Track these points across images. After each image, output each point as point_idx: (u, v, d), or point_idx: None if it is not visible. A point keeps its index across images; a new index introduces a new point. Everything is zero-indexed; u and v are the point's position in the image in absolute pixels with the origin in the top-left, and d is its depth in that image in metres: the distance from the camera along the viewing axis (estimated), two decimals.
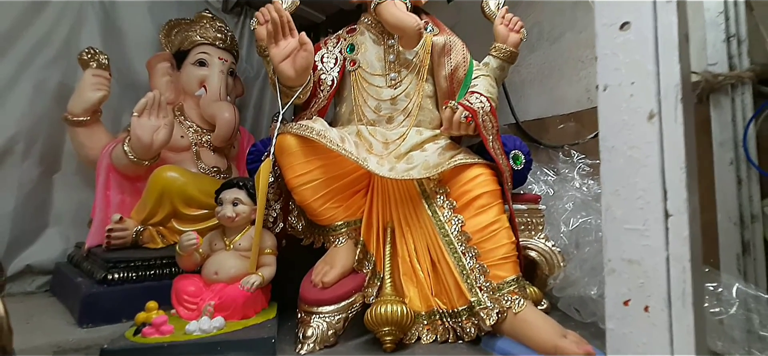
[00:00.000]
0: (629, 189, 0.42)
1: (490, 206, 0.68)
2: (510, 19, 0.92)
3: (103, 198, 1.16)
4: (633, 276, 0.41)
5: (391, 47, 0.86)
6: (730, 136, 0.79)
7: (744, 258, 0.77)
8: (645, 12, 0.42)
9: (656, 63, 0.41)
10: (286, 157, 0.72)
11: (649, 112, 0.41)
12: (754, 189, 0.78)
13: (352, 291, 0.69)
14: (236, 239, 0.72)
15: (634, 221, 0.41)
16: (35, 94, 1.22)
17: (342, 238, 0.76)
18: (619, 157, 0.43)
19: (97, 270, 0.97)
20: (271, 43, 0.73)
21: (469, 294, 0.65)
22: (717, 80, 0.79)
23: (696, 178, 0.41)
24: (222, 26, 1.44)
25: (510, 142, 0.82)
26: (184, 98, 1.38)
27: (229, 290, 0.66)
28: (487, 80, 0.83)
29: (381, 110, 0.84)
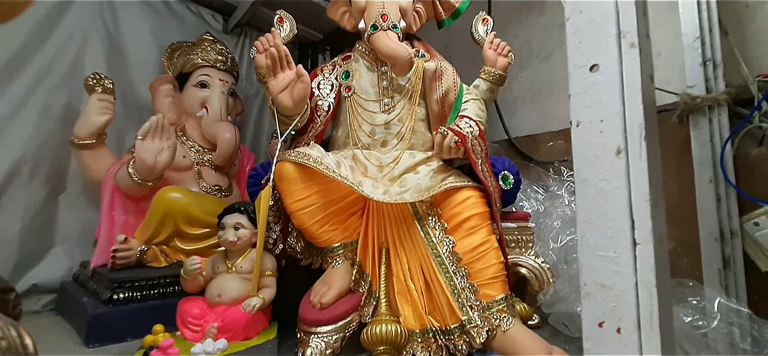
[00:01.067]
0: (601, 219, 0.45)
1: (480, 227, 0.72)
2: (498, 44, 0.97)
3: (108, 218, 1.19)
4: (606, 299, 0.45)
5: (385, 74, 0.90)
6: (708, 155, 0.83)
7: (725, 272, 0.81)
8: (611, 56, 0.46)
9: (622, 103, 0.45)
10: (285, 184, 0.75)
11: (617, 147, 0.44)
12: (733, 207, 0.82)
13: (349, 311, 0.72)
14: (238, 262, 0.75)
15: (606, 248, 0.45)
16: (41, 118, 1.26)
17: (339, 259, 0.79)
18: (591, 189, 0.46)
19: (102, 291, 1.00)
20: (270, 76, 0.77)
21: (461, 313, 0.68)
22: (695, 102, 0.83)
23: (662, 208, 0.45)
24: (222, 48, 1.48)
25: (499, 163, 0.86)
26: (186, 119, 1.42)
27: (231, 312, 0.69)
28: (477, 104, 0.87)
29: (375, 134, 0.87)
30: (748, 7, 0.89)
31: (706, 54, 0.85)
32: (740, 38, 0.89)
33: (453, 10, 1.00)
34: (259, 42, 0.91)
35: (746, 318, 0.75)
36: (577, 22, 0.49)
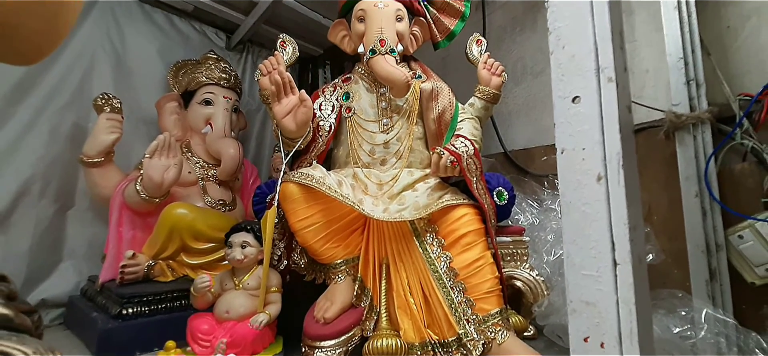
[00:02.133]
0: (584, 240, 0.49)
1: (475, 244, 0.75)
2: (492, 64, 1.01)
3: (116, 234, 1.22)
4: (590, 316, 0.48)
5: (383, 95, 0.94)
6: (694, 171, 0.87)
7: (712, 284, 0.84)
8: (591, 89, 0.50)
9: (602, 132, 0.48)
10: (289, 204, 0.79)
11: (598, 174, 0.48)
12: (718, 221, 0.85)
13: (352, 326, 0.76)
14: (245, 279, 0.79)
15: (590, 268, 0.48)
16: (50, 137, 1.30)
17: (341, 275, 0.83)
18: (575, 212, 0.50)
19: (111, 306, 1.03)
20: (275, 101, 0.81)
21: (458, 327, 0.71)
22: (680, 120, 0.87)
23: (641, 231, 0.48)
24: (226, 66, 1.52)
25: (494, 180, 0.90)
26: (191, 135, 1.46)
27: (239, 328, 0.72)
28: (472, 123, 0.91)
29: (375, 153, 0.91)
30: (730, 28, 0.93)
31: (689, 74, 0.89)
32: (722, 58, 0.93)
33: (448, 33, 1.04)
34: (262, 65, 0.96)
35: (732, 328, 0.78)
36: (559, 57, 0.53)
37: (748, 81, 0.89)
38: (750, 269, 0.83)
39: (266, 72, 0.96)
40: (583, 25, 0.51)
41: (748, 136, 0.83)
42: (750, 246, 0.81)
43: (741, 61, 0.91)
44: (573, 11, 0.53)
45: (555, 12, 0.55)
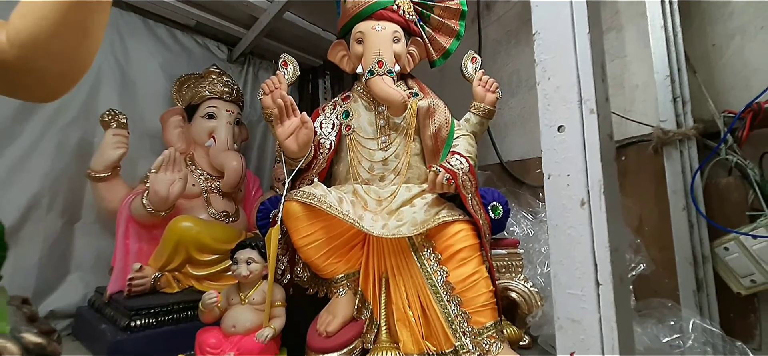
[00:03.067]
0: (570, 261, 0.52)
1: (471, 259, 0.79)
2: (486, 81, 1.04)
3: (123, 246, 1.25)
4: (576, 332, 0.51)
5: (382, 113, 0.97)
6: (681, 185, 0.90)
7: (699, 294, 0.87)
8: (574, 119, 0.53)
9: (584, 160, 0.52)
10: (292, 221, 0.83)
11: (581, 199, 0.51)
12: (704, 233, 0.88)
13: (353, 338, 0.79)
14: (250, 294, 0.82)
15: (575, 287, 0.52)
16: (58, 152, 1.33)
17: (343, 289, 0.86)
18: (561, 234, 0.53)
19: (120, 318, 1.06)
20: (278, 124, 0.85)
21: (454, 339, 0.74)
22: (667, 136, 0.90)
23: (622, 253, 0.52)
24: (228, 81, 1.56)
25: (489, 195, 0.93)
26: (195, 148, 1.49)
27: (245, 342, 0.76)
28: (467, 140, 0.94)
29: (374, 170, 0.95)
30: (715, 46, 0.97)
31: (675, 91, 0.92)
32: (708, 75, 0.97)
33: (443, 51, 1.08)
34: (264, 85, 0.99)
35: (719, 337, 0.81)
36: (546, 88, 0.57)
37: (732, 97, 0.93)
38: (736, 280, 0.86)
39: (268, 91, 1.00)
40: (566, 58, 0.55)
41: (733, 151, 0.87)
42: (735, 257, 0.84)
43: (726, 78, 0.94)
44: (557, 45, 0.56)
45: (541, 44, 0.58)
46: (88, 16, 0.47)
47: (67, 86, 0.51)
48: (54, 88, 0.50)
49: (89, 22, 0.47)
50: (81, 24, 0.47)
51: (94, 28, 0.49)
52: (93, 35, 0.49)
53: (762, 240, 0.79)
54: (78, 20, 0.46)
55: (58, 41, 0.46)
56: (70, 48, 0.47)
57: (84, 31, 0.47)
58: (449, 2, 1.06)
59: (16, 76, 0.47)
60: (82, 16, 0.46)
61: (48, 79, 0.49)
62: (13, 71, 0.46)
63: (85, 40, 0.48)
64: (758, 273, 0.82)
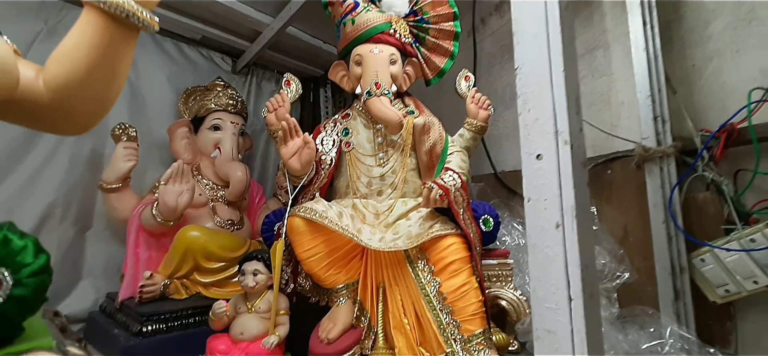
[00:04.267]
0: (546, 278, 0.58)
1: (462, 270, 0.84)
2: (479, 99, 1.10)
3: (134, 254, 1.31)
4: (552, 342, 0.57)
5: (379, 130, 1.03)
6: (660, 200, 0.96)
7: (677, 303, 0.93)
8: (550, 149, 0.59)
9: (559, 187, 0.57)
10: (295, 236, 0.89)
11: (556, 222, 0.57)
12: (681, 245, 0.94)
13: (352, 345, 0.85)
14: (256, 303, 0.88)
15: (550, 301, 0.57)
16: (70, 164, 1.39)
17: (342, 298, 0.92)
18: (539, 253, 0.59)
19: (132, 323, 1.12)
20: (282, 144, 0.91)
21: (446, 346, 0.80)
22: (648, 153, 0.96)
23: (592, 270, 0.57)
24: (233, 93, 1.62)
25: (480, 208, 0.98)
26: (201, 158, 1.55)
27: (253, 348, 0.82)
28: (460, 156, 1.00)
29: (372, 185, 1.00)
30: (694, 67, 1.02)
31: (656, 111, 0.98)
32: (688, 94, 1.02)
33: (438, 71, 1.13)
34: (269, 103, 1.05)
35: (694, 343, 0.86)
36: (526, 118, 0.62)
37: (711, 116, 0.98)
38: (712, 289, 0.91)
39: (272, 109, 1.06)
40: (544, 92, 0.60)
41: (710, 168, 0.92)
42: (711, 268, 0.90)
43: (704, 98, 1.00)
44: (536, 79, 0.62)
45: (522, 78, 0.64)
46: (116, 62, 0.53)
47: (95, 122, 0.57)
48: (83, 125, 0.56)
49: (117, 67, 0.53)
50: (109, 69, 0.53)
51: (121, 71, 0.55)
52: (120, 78, 0.55)
53: (734, 253, 0.85)
54: (107, 66, 0.52)
55: (89, 85, 0.52)
56: (100, 90, 0.53)
57: (112, 75, 0.53)
58: (443, 24, 1.11)
59: (51, 115, 0.53)
60: (110, 62, 0.52)
61: (78, 117, 0.55)
62: (48, 111, 0.52)
63: (113, 83, 0.54)
64: (732, 283, 0.87)
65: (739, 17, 0.95)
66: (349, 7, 1.05)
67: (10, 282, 0.38)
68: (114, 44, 0.51)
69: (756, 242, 0.82)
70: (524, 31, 0.64)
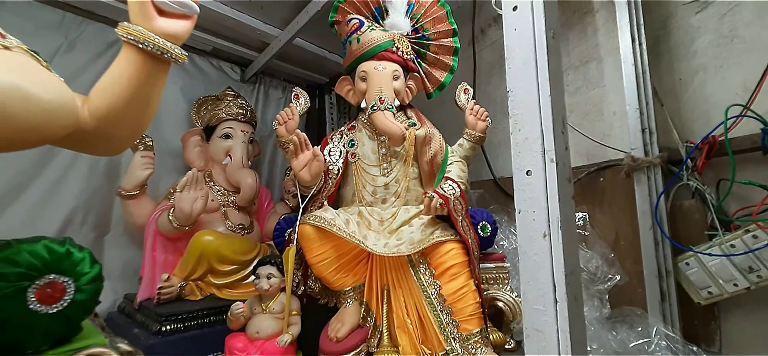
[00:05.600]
0: (535, 282, 0.64)
1: (460, 274, 0.91)
2: (477, 110, 1.16)
3: (151, 258, 1.39)
4: (540, 341, 0.63)
5: (383, 142, 1.10)
6: (648, 207, 1.01)
7: (663, 304, 0.98)
8: (539, 166, 0.65)
9: (546, 201, 0.64)
10: (306, 242, 0.96)
11: (543, 232, 0.63)
12: (667, 250, 1.00)
13: (359, 343, 0.92)
14: (270, 304, 0.95)
15: (539, 304, 0.63)
16: (89, 172, 1.47)
17: (350, 300, 0.99)
18: (529, 260, 0.65)
19: (151, 323, 1.19)
20: (293, 158, 0.98)
21: (446, 344, 0.87)
22: (636, 163, 1.01)
23: (577, 276, 0.64)
24: (243, 102, 1.69)
25: (478, 215, 1.05)
26: (213, 165, 1.62)
27: (268, 345, 0.89)
28: (459, 166, 1.06)
29: (377, 194, 1.07)
30: (681, 80, 1.08)
31: (643, 123, 1.03)
32: (675, 106, 1.08)
33: (439, 84, 1.20)
34: (279, 116, 1.12)
35: (679, 342, 0.92)
36: (517, 137, 0.69)
37: (696, 128, 1.04)
38: (696, 291, 0.97)
39: (282, 121, 1.13)
40: (533, 114, 0.67)
41: (694, 177, 0.98)
42: (695, 272, 0.96)
43: (690, 110, 1.05)
44: (526, 101, 0.68)
45: (514, 100, 0.70)
46: (151, 92, 0.60)
47: (130, 144, 0.64)
48: (121, 147, 0.63)
49: (151, 97, 0.60)
50: (145, 99, 0.60)
51: (155, 99, 0.61)
52: (154, 105, 0.62)
53: (716, 257, 0.91)
54: (143, 96, 0.59)
55: (127, 113, 0.59)
56: (137, 117, 0.60)
57: (147, 103, 0.60)
58: (443, 41, 1.18)
59: (93, 140, 0.60)
60: (146, 93, 0.59)
61: (117, 141, 0.62)
62: (92, 137, 0.59)
63: (148, 110, 0.61)
64: (714, 286, 0.93)
65: (721, 35, 1.01)
66: (354, 26, 1.11)
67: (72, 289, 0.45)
68: (150, 77, 0.58)
69: (736, 247, 0.88)
70: (515, 58, 0.70)
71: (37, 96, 0.42)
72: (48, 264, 0.43)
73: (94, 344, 0.48)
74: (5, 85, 0.39)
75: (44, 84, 0.44)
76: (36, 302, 0.42)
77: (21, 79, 0.41)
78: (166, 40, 0.57)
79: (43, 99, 0.43)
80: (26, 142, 0.44)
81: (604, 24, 1.25)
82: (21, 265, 0.41)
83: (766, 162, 0.90)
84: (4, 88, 0.39)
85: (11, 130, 0.40)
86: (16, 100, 0.39)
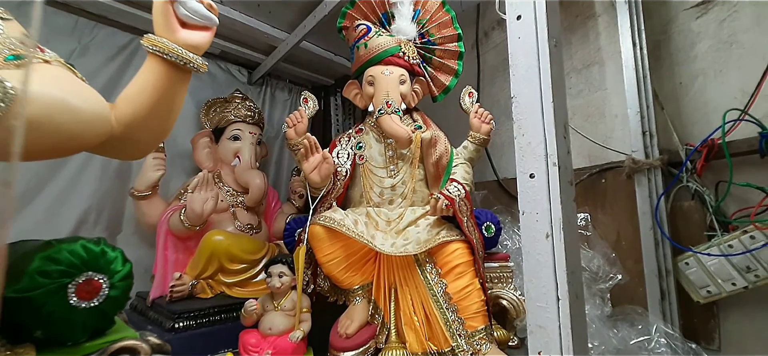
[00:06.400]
0: (538, 280, 0.67)
1: (465, 273, 0.94)
2: (482, 113, 1.19)
3: (163, 257, 1.42)
4: (542, 336, 0.66)
5: (390, 145, 1.13)
6: (648, 208, 1.04)
7: (663, 302, 1.01)
8: (542, 170, 0.68)
9: (549, 203, 0.66)
10: (316, 242, 0.99)
11: (546, 233, 0.66)
12: (667, 250, 1.02)
13: (368, 339, 0.95)
14: (282, 302, 0.99)
15: (541, 301, 0.66)
16: (102, 174, 1.51)
17: (358, 298, 1.02)
18: (532, 259, 0.68)
19: (164, 320, 1.22)
20: (304, 160, 1.01)
21: (451, 340, 0.90)
22: (637, 165, 1.04)
23: (578, 274, 0.66)
24: (251, 105, 1.73)
25: (483, 216, 1.08)
26: (222, 166, 1.66)
27: (280, 341, 0.92)
28: (464, 167, 1.09)
29: (384, 195, 1.10)
30: (681, 84, 1.10)
31: (644, 126, 1.06)
32: (676, 109, 1.10)
33: (444, 88, 1.23)
34: (288, 119, 1.16)
35: (677, 339, 0.95)
36: (520, 142, 0.71)
37: (697, 130, 1.06)
38: (695, 290, 1.00)
39: (292, 124, 1.16)
40: (536, 119, 0.69)
41: (694, 179, 1.00)
42: (694, 271, 0.98)
43: (690, 113, 1.08)
44: (529, 107, 0.71)
45: (518, 106, 0.73)
46: (173, 100, 0.63)
47: (153, 148, 0.68)
48: (144, 151, 0.67)
49: (174, 104, 0.64)
50: (168, 105, 0.63)
51: (177, 106, 0.65)
52: (176, 112, 0.65)
53: (715, 257, 0.93)
54: (166, 104, 0.62)
55: (152, 120, 0.62)
56: (160, 123, 0.64)
57: (170, 110, 0.64)
58: (448, 45, 1.21)
59: (119, 145, 0.63)
60: (169, 100, 0.62)
61: (141, 145, 0.65)
62: (118, 142, 0.62)
63: (170, 116, 0.65)
64: (713, 285, 0.96)
65: (721, 40, 1.03)
66: (362, 32, 1.14)
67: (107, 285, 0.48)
68: (173, 85, 0.61)
69: (733, 248, 0.91)
70: (518, 65, 0.73)
71: (78, 107, 0.45)
72: (86, 263, 0.47)
73: (127, 336, 0.51)
74: (51, 99, 0.42)
75: (84, 96, 0.48)
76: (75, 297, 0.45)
77: (64, 92, 0.44)
78: (188, 50, 0.60)
79: (84, 110, 0.46)
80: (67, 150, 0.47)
81: (606, 28, 1.27)
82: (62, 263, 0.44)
83: (763, 164, 0.93)
84: (50, 101, 0.42)
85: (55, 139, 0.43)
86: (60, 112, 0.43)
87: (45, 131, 0.42)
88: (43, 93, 0.41)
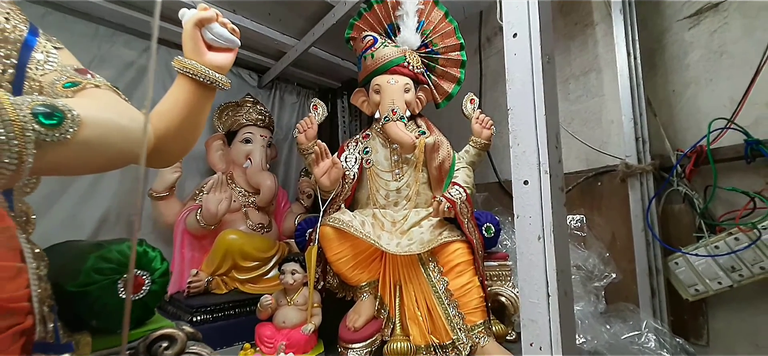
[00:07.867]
0: (531, 278, 0.73)
1: (466, 271, 1.00)
2: (483, 119, 1.24)
3: (180, 254, 1.51)
4: (534, 330, 0.72)
5: (395, 149, 1.20)
6: (640, 211, 1.09)
7: (653, 300, 1.07)
8: (534, 177, 0.74)
9: (541, 207, 0.73)
10: (326, 242, 1.06)
11: (538, 235, 0.72)
12: (658, 250, 1.08)
13: (374, 332, 1.02)
14: (294, 297, 1.06)
15: (533, 297, 0.73)
16: (122, 175, 1.58)
17: (365, 294, 1.09)
18: (525, 259, 0.74)
19: (183, 314, 1.30)
20: (315, 165, 1.08)
21: (452, 334, 0.96)
22: (630, 169, 1.09)
23: (568, 274, 0.72)
24: (262, 109, 1.80)
25: (483, 217, 1.14)
26: (234, 168, 1.74)
27: (293, 334, 1.00)
28: (465, 171, 1.16)
29: (389, 197, 1.17)
30: (674, 92, 1.15)
31: (637, 132, 1.11)
32: (669, 115, 1.15)
33: (447, 95, 1.29)
34: (299, 125, 1.23)
35: (666, 335, 1.00)
36: (516, 150, 0.77)
37: (689, 136, 1.11)
38: (684, 289, 1.05)
39: (302, 130, 1.23)
40: (529, 130, 0.75)
41: (683, 183, 1.06)
42: (683, 270, 1.04)
43: (683, 119, 1.13)
44: (523, 118, 0.77)
45: (513, 117, 0.79)
46: (199, 114, 0.70)
47: (181, 157, 0.75)
48: (173, 160, 0.74)
49: (200, 118, 0.71)
50: (195, 119, 0.70)
51: (202, 120, 0.72)
52: (201, 125, 0.72)
53: (702, 258, 0.98)
54: (194, 118, 0.69)
55: (180, 132, 0.69)
56: (188, 135, 0.71)
57: (197, 123, 0.71)
58: (451, 54, 1.27)
59: (153, 155, 0.70)
60: (196, 115, 0.69)
61: (170, 155, 0.72)
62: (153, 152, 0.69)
63: (197, 128, 0.72)
64: (700, 284, 1.01)
65: (711, 50, 1.08)
66: (368, 43, 1.21)
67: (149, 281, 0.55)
68: (200, 101, 0.68)
69: (719, 249, 0.96)
70: (515, 80, 0.79)
71: (128, 128, 0.52)
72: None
73: (165, 325, 0.58)
74: (107, 122, 0.49)
75: (131, 116, 0.54)
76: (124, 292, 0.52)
77: (116, 115, 0.51)
78: (214, 71, 0.67)
79: (133, 130, 0.53)
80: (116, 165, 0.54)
81: (603, 37, 1.32)
82: (112, 262, 0.51)
83: (749, 170, 0.98)
84: (106, 125, 0.49)
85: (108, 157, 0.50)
86: (114, 133, 0.49)
87: (102, 151, 0.49)
88: (99, 117, 0.48)
